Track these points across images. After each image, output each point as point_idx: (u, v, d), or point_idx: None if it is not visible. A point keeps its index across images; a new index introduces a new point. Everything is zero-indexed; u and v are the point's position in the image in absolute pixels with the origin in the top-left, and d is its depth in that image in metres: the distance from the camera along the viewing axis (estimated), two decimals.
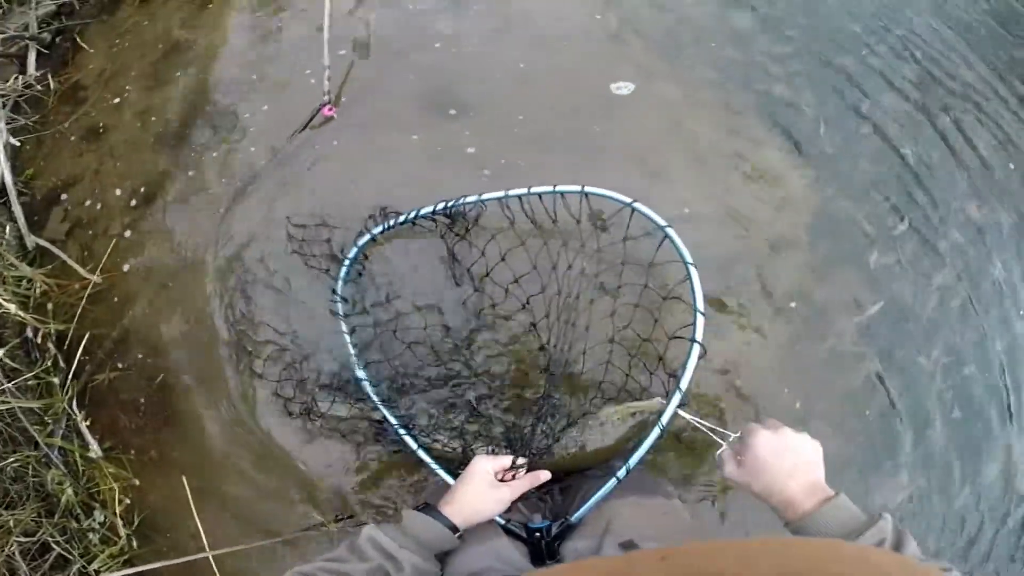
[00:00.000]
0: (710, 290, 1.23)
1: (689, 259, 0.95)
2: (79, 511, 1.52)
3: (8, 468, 1.52)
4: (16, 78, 1.93)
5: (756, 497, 0.74)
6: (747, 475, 0.75)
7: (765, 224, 1.47)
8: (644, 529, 0.83)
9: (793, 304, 1.43)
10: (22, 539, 1.50)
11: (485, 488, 0.83)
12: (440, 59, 1.64)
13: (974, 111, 1.81)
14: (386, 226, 1.24)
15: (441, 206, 1.20)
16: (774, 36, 1.83)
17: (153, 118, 1.76)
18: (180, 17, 2.00)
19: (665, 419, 0.87)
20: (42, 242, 1.53)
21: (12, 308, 1.44)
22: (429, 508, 0.79)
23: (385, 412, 1.12)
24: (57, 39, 2.13)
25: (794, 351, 1.40)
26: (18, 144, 1.67)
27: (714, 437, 0.82)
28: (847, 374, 1.43)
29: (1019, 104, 1.87)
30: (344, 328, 1.21)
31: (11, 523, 1.49)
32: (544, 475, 0.89)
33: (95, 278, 1.46)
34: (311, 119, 1.60)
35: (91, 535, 1.52)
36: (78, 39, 2.08)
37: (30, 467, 1.52)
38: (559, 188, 1.07)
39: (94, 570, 1.44)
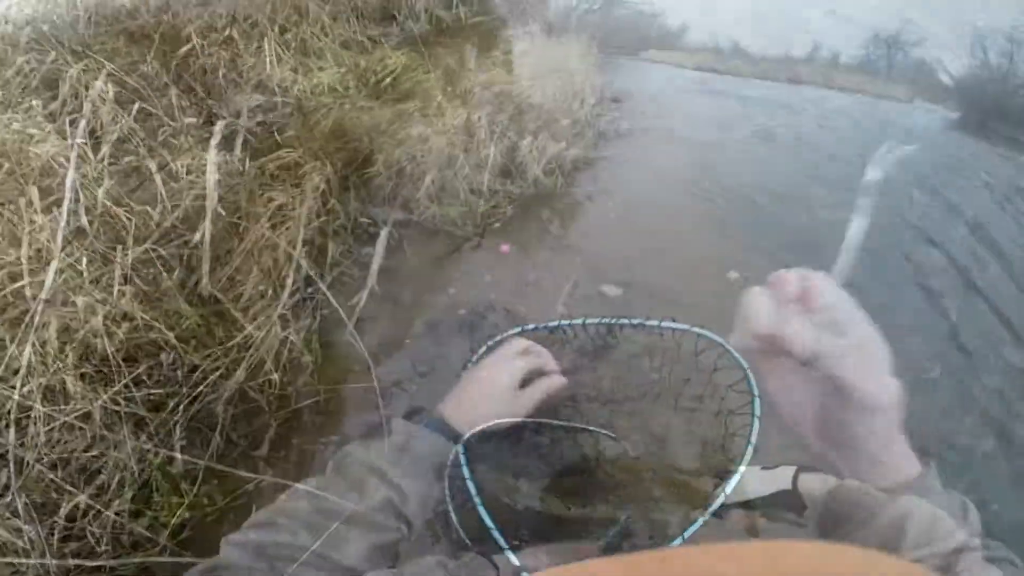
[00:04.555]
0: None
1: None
2: None
3: None
4: None
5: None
6: (825, 330, 0.35)
7: None
8: None
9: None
10: None
11: (509, 396, 0.67)
12: None
13: None
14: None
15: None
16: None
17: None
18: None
19: (713, 507, 0.89)
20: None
21: None
22: (431, 423, 0.64)
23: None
24: None
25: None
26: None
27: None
28: None
29: None
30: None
31: None
32: (558, 380, 0.71)
33: None
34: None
35: None
36: None
37: None
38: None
39: None
